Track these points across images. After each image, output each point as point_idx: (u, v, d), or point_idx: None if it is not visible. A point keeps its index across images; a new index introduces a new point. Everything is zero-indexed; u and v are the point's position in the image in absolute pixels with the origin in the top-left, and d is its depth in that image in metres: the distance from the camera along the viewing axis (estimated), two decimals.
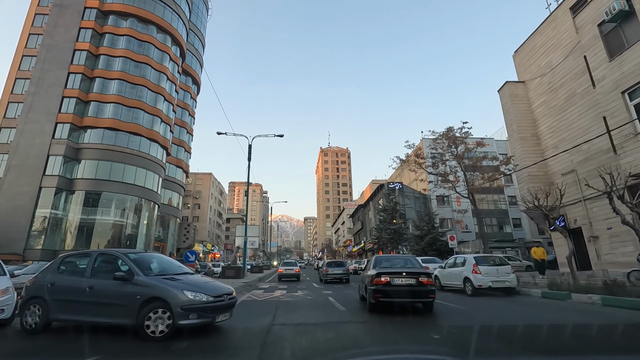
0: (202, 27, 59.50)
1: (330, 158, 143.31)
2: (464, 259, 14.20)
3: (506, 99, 21.07)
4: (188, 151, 56.23)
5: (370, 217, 59.11)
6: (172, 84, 46.95)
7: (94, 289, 6.78)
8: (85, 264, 7.33)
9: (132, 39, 42.44)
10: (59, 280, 7.26)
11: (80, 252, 8.54)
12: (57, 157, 35.95)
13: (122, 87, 40.41)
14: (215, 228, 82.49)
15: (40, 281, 7.42)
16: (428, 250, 31.59)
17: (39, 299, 7.11)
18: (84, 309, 6.74)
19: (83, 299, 6.76)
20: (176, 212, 52.34)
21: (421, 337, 6.43)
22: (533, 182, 18.50)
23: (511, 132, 20.66)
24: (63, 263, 7.73)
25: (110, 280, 6.75)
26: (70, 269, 7.65)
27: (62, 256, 8.01)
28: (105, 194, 37.33)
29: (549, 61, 19.24)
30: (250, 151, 23.96)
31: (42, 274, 7.66)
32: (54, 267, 7.64)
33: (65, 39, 40.22)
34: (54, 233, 34.86)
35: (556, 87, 18.63)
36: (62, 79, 38.71)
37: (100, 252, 7.76)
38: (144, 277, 6.74)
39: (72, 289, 7.00)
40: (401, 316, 8.95)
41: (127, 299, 6.48)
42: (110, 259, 7.52)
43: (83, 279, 7.02)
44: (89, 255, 7.58)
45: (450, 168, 23.11)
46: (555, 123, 18.56)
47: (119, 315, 6.50)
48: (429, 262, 19.43)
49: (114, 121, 38.74)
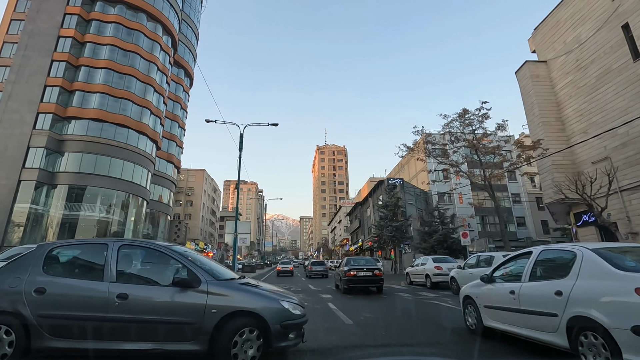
0: (195, 18, 57.33)
1: (326, 156, 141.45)
2: (491, 258, 12.28)
3: (526, 81, 19.16)
4: (180, 146, 54.08)
5: (369, 214, 57.26)
6: (163, 74, 44.78)
7: (129, 299, 4.54)
8: (99, 261, 4.94)
9: (121, 26, 40.26)
10: (53, 285, 4.68)
11: (80, 241, 5.74)
12: (38, 148, 33.77)
13: (109, 76, 38.23)
14: (209, 226, 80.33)
15: (9, 285, 4.67)
16: (438, 248, 29.55)
17: (10, 316, 4.48)
18: (110, 331, 4.51)
19: (110, 315, 4.48)
20: (167, 209, 50.22)
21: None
22: (558, 172, 16.65)
23: (532, 117, 18.74)
24: (52, 258, 5.08)
25: (157, 286, 4.85)
26: (69, 267, 5.22)
27: (48, 246, 5.20)
28: (90, 189, 35.17)
29: (576, 36, 17.36)
30: (241, 140, 21.96)
31: (9, 273, 4.83)
32: (36, 263, 4.86)
33: (49, 25, 37.98)
34: (34, 229, 32.69)
35: (586, 64, 16.74)
36: (45, 67, 36.49)
37: (122, 242, 5.20)
38: (216, 283, 4.82)
39: (86, 299, 4.61)
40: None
41: (194, 314, 4.54)
42: (148, 253, 5.38)
43: (103, 283, 4.67)
44: (101, 247, 5.12)
45: (464, 157, 21.22)
46: (585, 105, 16.70)
47: (178, 337, 4.52)
48: (441, 261, 17.29)
49: (100, 112, 36.57)
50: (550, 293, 4.68)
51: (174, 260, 5.02)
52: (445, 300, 11.97)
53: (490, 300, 6.12)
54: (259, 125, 23.42)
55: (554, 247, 5.59)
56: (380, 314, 9.70)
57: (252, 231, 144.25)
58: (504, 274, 6.20)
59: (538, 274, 5.34)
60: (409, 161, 54.33)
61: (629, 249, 4.98)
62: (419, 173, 50.61)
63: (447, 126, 20.46)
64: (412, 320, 8.68)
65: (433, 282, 16.73)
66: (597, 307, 3.98)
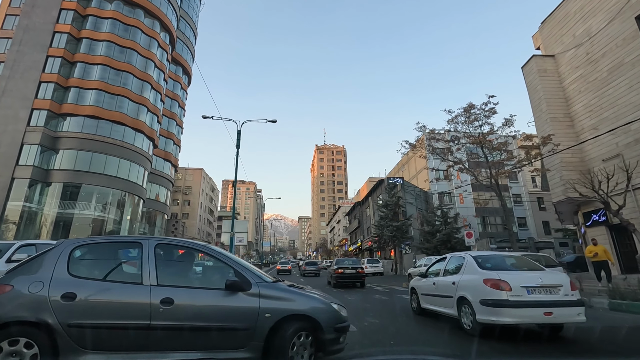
0: (194, 15, 56.75)
1: (325, 156, 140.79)
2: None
3: (533, 76, 18.56)
4: (177, 144, 53.43)
5: (369, 214, 56.67)
6: (160, 72, 44.15)
7: (175, 304, 4.06)
8: (134, 261, 4.47)
9: (118, 22, 39.67)
10: (85, 290, 4.02)
11: (108, 238, 5.03)
12: (33, 145, 33.14)
13: (105, 73, 37.63)
14: (206, 226, 79.70)
15: (29, 290, 3.92)
16: (441, 248, 28.92)
17: (32, 327, 3.75)
18: (155, 340, 4.00)
19: (154, 323, 3.97)
20: (164, 208, 49.58)
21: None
22: (567, 170, 16.10)
23: (539, 113, 18.14)
24: (77, 258, 4.38)
25: (204, 289, 4.43)
26: (99, 268, 4.55)
27: (71, 244, 4.46)
28: (85, 187, 34.54)
29: (587, 28, 16.78)
30: (239, 137, 21.37)
31: (27, 275, 4.07)
32: (59, 264, 4.16)
33: (45, 20, 37.37)
34: (27, 228, 32.01)
35: (596, 57, 16.17)
36: (40, 63, 35.89)
37: (157, 241, 4.64)
38: (265, 285, 4.51)
39: (125, 305, 4.05)
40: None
41: (247, 318, 4.20)
42: (186, 253, 4.89)
43: (143, 287, 4.14)
44: (134, 246, 4.63)
45: (468, 154, 20.55)
46: (595, 100, 16.13)
47: (230, 345, 4.14)
48: None
49: (96, 109, 35.95)
50: (450, 283, 7.50)
51: (215, 260, 4.69)
52: None
53: (424, 289, 8.90)
54: (257, 122, 22.84)
55: (456, 254, 8.47)
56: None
57: (250, 231, 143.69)
58: (433, 271, 8.84)
59: (447, 271, 8.10)
60: (409, 160, 53.80)
61: (492, 257, 7.64)
62: (420, 172, 50.04)
63: (451, 122, 19.88)
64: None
65: None
66: (468, 291, 6.78)
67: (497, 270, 6.70)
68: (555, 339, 6.39)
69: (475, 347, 5.78)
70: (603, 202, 11.30)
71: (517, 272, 6.81)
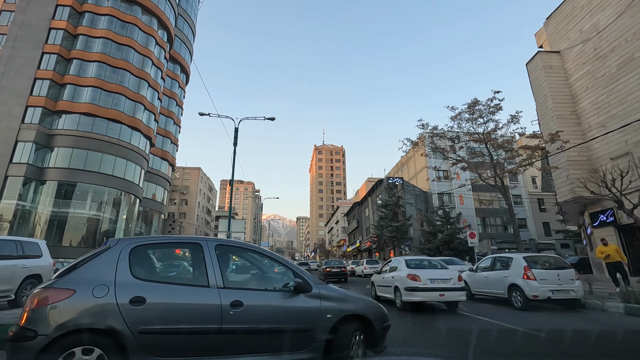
0: (192, 14, 56.25)
1: (324, 156, 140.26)
2: (509, 260, 11.11)
3: (538, 72, 18.08)
4: (175, 143, 52.86)
5: (368, 214, 56.21)
6: (157, 69, 43.63)
7: (244, 307, 3.95)
8: (197, 263, 4.23)
9: (115, 19, 39.13)
10: (153, 293, 3.76)
11: (164, 238, 4.65)
12: (27, 143, 32.64)
13: (101, 70, 37.08)
14: (204, 226, 79.11)
15: (94, 295, 3.56)
16: (443, 249, 28.45)
17: (98, 334, 3.43)
18: (226, 344, 3.84)
19: (225, 327, 3.81)
20: (160, 208, 49.01)
21: None
22: (574, 168, 15.65)
23: (544, 111, 17.65)
24: (137, 259, 4.05)
25: (269, 291, 4.45)
26: (162, 270, 4.42)
27: (128, 244, 4.10)
28: (80, 185, 34.00)
29: (594, 23, 16.32)
30: (236, 135, 20.88)
31: (88, 278, 3.69)
32: (121, 266, 3.84)
33: (40, 17, 36.88)
34: (20, 227, 31.44)
35: (605, 53, 15.71)
36: (35, 59, 35.37)
37: (216, 242, 4.47)
38: (323, 286, 4.61)
39: (197, 309, 3.84)
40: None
41: (311, 319, 4.26)
42: (245, 255, 4.99)
43: (211, 289, 3.96)
44: (195, 247, 4.37)
45: (471, 153, 20.06)
46: (603, 97, 15.67)
47: (295, 346, 4.11)
48: (447, 263, 16.23)
49: (92, 106, 35.39)
50: (390, 277, 10.97)
51: (272, 262, 4.77)
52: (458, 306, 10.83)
53: (378, 282, 12.33)
54: (255, 120, 22.33)
55: (396, 258, 11.90)
56: None
57: (249, 231, 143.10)
58: (384, 270, 12.21)
59: (391, 269, 11.39)
60: (409, 161, 53.42)
61: (416, 260, 11.25)
62: (419, 172, 49.63)
63: (455, 119, 19.34)
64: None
65: None
66: (399, 282, 10.15)
67: (416, 269, 10.24)
68: (555, 344, 6.35)
69: (471, 349, 5.74)
70: (616, 201, 10.82)
71: (428, 270, 10.38)
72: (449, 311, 9.91)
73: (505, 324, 7.77)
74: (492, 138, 18.40)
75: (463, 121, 19.03)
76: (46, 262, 10.03)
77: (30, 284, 9.37)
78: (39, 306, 3.36)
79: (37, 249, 10.02)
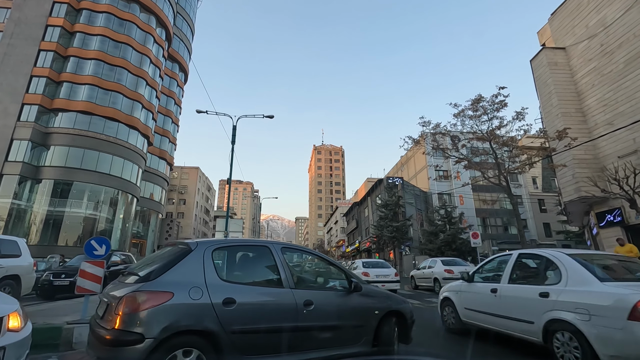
0: (191, 12, 55.90)
1: (323, 156, 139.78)
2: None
3: (542, 69, 17.69)
4: (173, 142, 52.48)
5: (367, 214, 55.83)
6: (156, 68, 43.24)
7: (314, 306, 4.31)
8: (269, 265, 4.48)
9: (112, 16, 38.77)
10: (241, 294, 3.93)
11: (236, 242, 5.02)
12: (23, 141, 32.25)
13: (99, 68, 36.71)
14: (202, 225, 78.66)
15: (191, 297, 3.62)
16: (445, 249, 28.04)
17: (195, 336, 3.54)
18: (300, 341, 4.20)
19: (300, 324, 4.18)
20: (158, 207, 48.63)
21: None
22: (580, 167, 15.30)
23: (549, 108, 17.28)
24: (218, 262, 4.20)
25: (331, 291, 4.85)
26: (240, 272, 4.56)
27: (208, 247, 4.13)
28: (77, 184, 33.61)
29: (601, 18, 15.93)
30: (234, 133, 20.50)
31: (180, 280, 3.72)
32: (208, 269, 3.91)
33: (37, 13, 36.51)
34: (15, 226, 31.04)
35: (612, 49, 15.29)
36: (32, 57, 34.98)
37: (281, 245, 4.79)
38: (368, 286, 5.10)
39: (277, 308, 4.15)
40: None
41: (364, 316, 4.75)
42: (303, 257, 5.84)
43: (286, 290, 4.26)
44: (264, 250, 4.61)
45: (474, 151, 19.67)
46: (610, 94, 15.27)
47: (353, 341, 4.57)
48: (451, 264, 15.86)
49: (89, 104, 35.00)
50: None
51: (326, 264, 5.17)
52: None
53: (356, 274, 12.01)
54: (254, 117, 21.98)
55: (356, 261, 17.80)
56: None
57: (247, 231, 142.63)
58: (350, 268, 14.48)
59: (352, 269, 15.38)
60: (409, 161, 53.10)
61: (370, 262, 17.24)
62: (419, 172, 49.29)
63: (458, 116, 18.96)
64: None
65: (442, 286, 15.22)
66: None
67: (369, 268, 15.44)
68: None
69: (469, 349, 5.76)
70: (629, 199, 10.49)
71: (376, 269, 15.56)
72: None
73: None
74: (497, 135, 18.00)
75: (466, 118, 18.67)
76: (25, 262, 9.49)
77: (8, 285, 8.86)
78: (140, 310, 3.34)
79: (16, 247, 9.46)
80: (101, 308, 3.84)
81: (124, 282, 3.96)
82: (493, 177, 18.23)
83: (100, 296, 4.15)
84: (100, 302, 3.99)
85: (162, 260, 4.03)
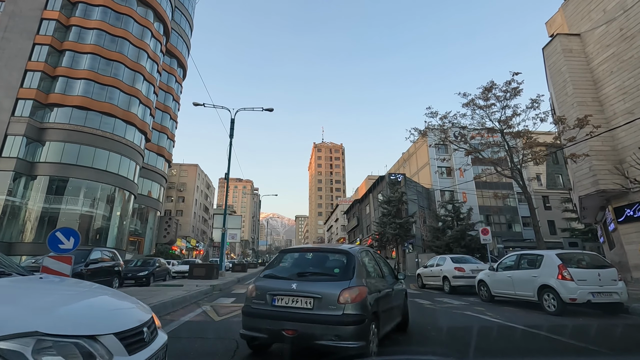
0: (190, 7, 55.05)
1: (323, 154, 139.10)
2: (538, 257, 9.90)
3: (556, 57, 16.91)
4: (171, 139, 51.70)
5: (368, 212, 55.12)
6: (153, 63, 42.42)
7: (394, 290, 6.12)
8: (375, 262, 6.15)
9: (109, 10, 37.90)
10: (377, 286, 5.36)
11: (361, 248, 5.75)
12: (17, 137, 31.47)
13: (95, 62, 35.90)
14: (201, 223, 77.92)
15: (370, 290, 4.86)
16: (454, 246, 27.23)
17: (374, 315, 4.82)
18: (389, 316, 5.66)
19: (394, 303, 5.99)
20: (156, 205, 47.89)
21: None
22: (598, 159, 14.61)
23: (564, 97, 16.51)
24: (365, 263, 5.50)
25: (392, 280, 6.34)
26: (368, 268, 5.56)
27: (359, 251, 5.47)
28: (73, 181, 32.85)
29: (620, 2, 15.11)
30: (232, 126, 19.78)
31: (359, 282, 4.74)
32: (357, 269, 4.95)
33: (31, 7, 35.65)
34: (10, 223, 30.35)
35: (633, 33, 14.53)
36: (26, 51, 34.17)
37: (363, 248, 5.95)
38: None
39: (389, 294, 5.71)
40: None
41: (403, 297, 6.78)
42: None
43: (384, 280, 5.93)
44: (367, 251, 6.06)
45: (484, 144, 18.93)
46: (630, 81, 14.53)
47: (397, 317, 6.23)
48: (461, 261, 15.06)
49: (85, 99, 34.23)
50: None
51: (383, 261, 6.58)
52: (479, 310, 9.62)
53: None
54: (253, 111, 21.27)
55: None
56: None
57: (247, 229, 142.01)
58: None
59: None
60: (411, 157, 52.42)
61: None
62: (421, 169, 48.61)
63: (468, 105, 18.09)
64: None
65: (452, 285, 14.43)
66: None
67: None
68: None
69: (471, 348, 5.99)
70: None
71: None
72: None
73: (547, 333, 6.68)
74: (510, 125, 17.13)
75: (477, 108, 17.78)
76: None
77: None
78: (359, 300, 4.46)
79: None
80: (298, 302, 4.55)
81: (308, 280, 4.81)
82: (506, 169, 17.37)
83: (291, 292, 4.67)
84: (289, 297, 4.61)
85: (338, 264, 5.09)
